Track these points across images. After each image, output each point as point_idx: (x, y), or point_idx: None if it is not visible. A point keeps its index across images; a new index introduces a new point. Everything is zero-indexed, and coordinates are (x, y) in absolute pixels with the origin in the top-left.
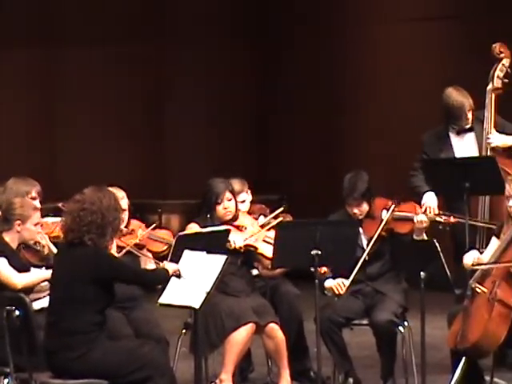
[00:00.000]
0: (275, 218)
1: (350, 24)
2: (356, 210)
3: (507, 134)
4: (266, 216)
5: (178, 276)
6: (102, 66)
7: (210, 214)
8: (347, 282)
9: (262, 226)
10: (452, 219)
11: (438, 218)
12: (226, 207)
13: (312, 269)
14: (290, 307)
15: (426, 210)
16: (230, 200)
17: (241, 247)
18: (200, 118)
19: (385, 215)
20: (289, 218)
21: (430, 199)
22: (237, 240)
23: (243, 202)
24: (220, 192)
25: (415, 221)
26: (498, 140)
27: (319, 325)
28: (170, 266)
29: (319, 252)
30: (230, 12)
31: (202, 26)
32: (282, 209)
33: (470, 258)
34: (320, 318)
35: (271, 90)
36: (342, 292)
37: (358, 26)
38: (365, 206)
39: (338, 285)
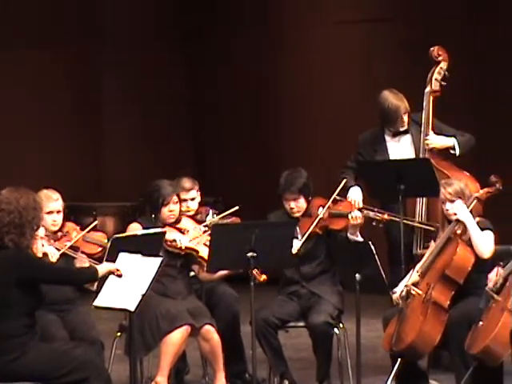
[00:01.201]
0: (223, 218)
1: (285, 26)
2: (293, 205)
3: (445, 135)
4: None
5: (119, 275)
6: (38, 67)
7: (155, 215)
8: None
9: (205, 231)
10: (386, 216)
11: (371, 215)
12: (171, 210)
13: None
14: (226, 309)
15: (352, 204)
16: (175, 203)
17: (182, 248)
18: (135, 121)
19: (320, 211)
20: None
21: (355, 193)
22: (183, 240)
23: (193, 199)
24: (168, 194)
25: (349, 217)
26: (436, 141)
27: (255, 327)
28: (105, 266)
29: (255, 254)
30: (155, 14)
31: (134, 28)
32: (236, 208)
33: (399, 289)
34: (255, 320)
35: (204, 91)
36: None
37: (293, 28)
38: (302, 202)
39: None
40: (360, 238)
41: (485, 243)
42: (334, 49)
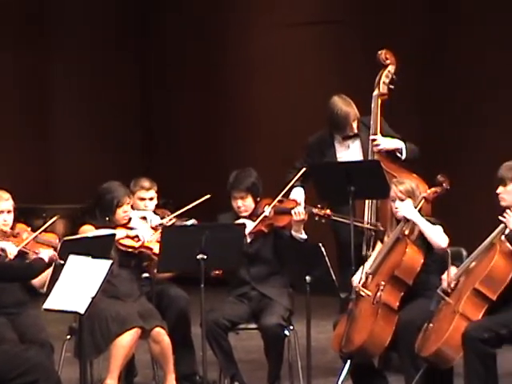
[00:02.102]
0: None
1: (238, 27)
2: (240, 203)
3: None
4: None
5: (55, 261)
6: None
7: (109, 217)
8: None
9: (154, 228)
10: (328, 211)
11: (314, 210)
12: (125, 211)
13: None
14: (177, 311)
15: (295, 201)
16: (128, 204)
17: (135, 247)
18: (84, 123)
19: (266, 209)
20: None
21: (297, 194)
22: (145, 235)
23: (151, 199)
24: (122, 196)
25: (292, 213)
26: (384, 141)
27: (205, 329)
28: (45, 253)
29: (205, 256)
30: (103, 10)
31: (82, 25)
32: (207, 196)
33: (357, 277)
34: (206, 322)
35: (154, 93)
36: None
37: (245, 29)
38: (249, 201)
39: None
40: (304, 236)
41: (439, 234)
42: (286, 50)
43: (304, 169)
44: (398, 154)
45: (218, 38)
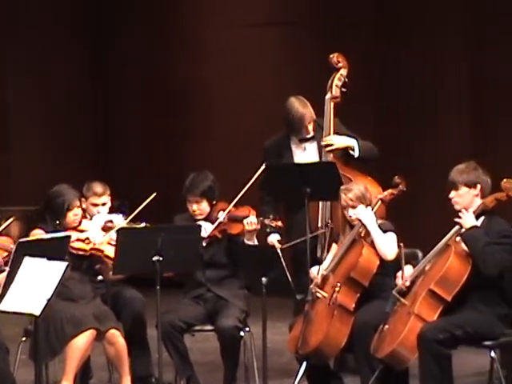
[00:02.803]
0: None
1: (195, 28)
2: (195, 207)
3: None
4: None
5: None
6: None
7: (60, 221)
8: None
9: (105, 230)
10: (280, 223)
11: (266, 221)
12: (76, 214)
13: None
14: (133, 313)
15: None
16: (79, 207)
17: (86, 250)
18: (38, 123)
19: (221, 215)
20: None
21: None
22: (96, 237)
23: (104, 204)
24: (72, 199)
25: (245, 223)
26: (336, 139)
27: (161, 331)
28: None
29: (161, 258)
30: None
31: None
32: (154, 195)
33: (315, 269)
34: (162, 323)
35: (108, 91)
36: None
37: (196, 30)
38: (204, 205)
39: None
40: (256, 243)
41: (387, 245)
42: (243, 51)
43: (263, 166)
44: (351, 152)
45: (176, 36)
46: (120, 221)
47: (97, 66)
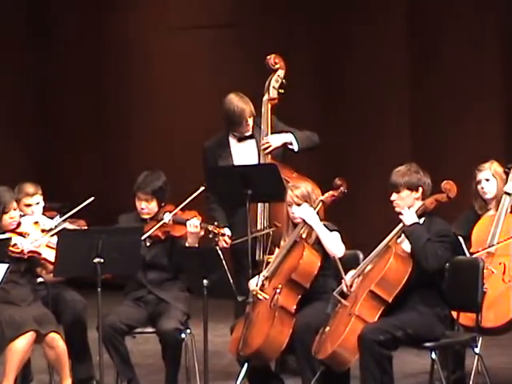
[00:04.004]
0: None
1: (131, 27)
2: (143, 205)
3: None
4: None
5: None
6: None
7: None
8: None
9: (44, 231)
10: (222, 230)
11: (210, 227)
12: (12, 217)
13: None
14: (73, 315)
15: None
16: (15, 209)
17: (24, 252)
18: None
19: (166, 216)
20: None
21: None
22: (24, 243)
23: (37, 203)
24: (7, 201)
25: (187, 224)
26: (273, 139)
27: (102, 333)
28: None
29: (102, 260)
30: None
31: None
32: (91, 199)
33: (254, 282)
34: (103, 326)
35: (51, 91)
36: None
37: (137, 31)
38: (153, 205)
39: None
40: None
41: (335, 243)
42: (182, 52)
43: (202, 188)
44: (290, 147)
45: (116, 38)
46: (47, 223)
47: (37, 66)
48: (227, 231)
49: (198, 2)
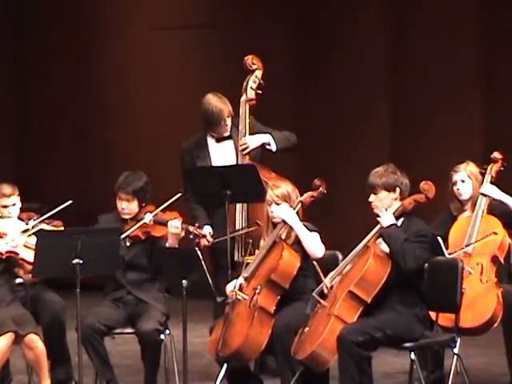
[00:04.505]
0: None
1: (104, 30)
2: (124, 205)
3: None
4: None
5: None
6: None
7: None
8: None
9: (22, 232)
10: (202, 232)
11: (190, 228)
12: None
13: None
14: (52, 316)
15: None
16: None
17: (1, 252)
18: None
19: (146, 217)
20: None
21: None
22: (0, 243)
23: (14, 204)
24: None
25: (169, 226)
26: (251, 140)
27: (81, 334)
28: None
29: (81, 261)
30: None
31: None
32: (69, 202)
33: (231, 285)
34: (82, 326)
35: (27, 91)
36: None
37: (116, 32)
38: (134, 205)
39: None
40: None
41: (315, 243)
42: (160, 53)
43: (179, 194)
44: (268, 147)
45: (95, 39)
46: (19, 225)
47: (10, 65)
48: (209, 229)
49: (178, 2)
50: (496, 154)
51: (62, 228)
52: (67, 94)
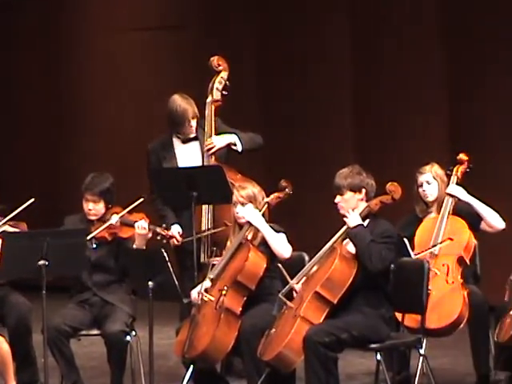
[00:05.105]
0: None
1: (68, 32)
2: (91, 206)
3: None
4: None
5: None
6: None
7: None
8: None
9: None
10: (170, 233)
11: (158, 229)
12: None
13: None
14: (18, 318)
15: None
16: None
17: None
18: None
19: (113, 218)
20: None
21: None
22: None
23: None
24: None
25: (136, 226)
26: (217, 142)
27: (46, 335)
28: None
29: (47, 262)
30: None
31: None
32: (31, 201)
33: (195, 292)
34: (47, 328)
35: None
36: None
37: (81, 33)
38: (101, 206)
39: None
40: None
41: (282, 244)
42: (126, 54)
43: (141, 199)
44: (234, 148)
45: (62, 39)
46: None
47: None
48: (178, 228)
49: (141, 4)
50: (462, 156)
51: (26, 229)
52: (34, 93)
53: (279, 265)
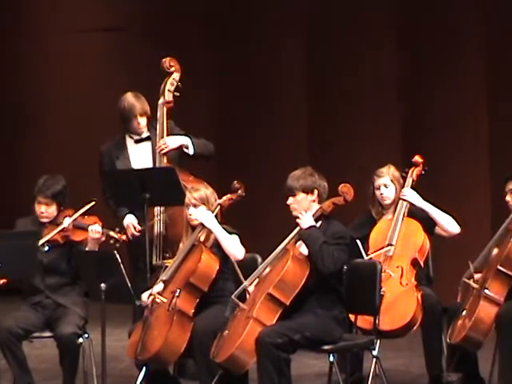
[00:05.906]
0: None
1: (23, 34)
2: (43, 209)
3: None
4: None
5: None
6: None
7: None
8: None
9: None
10: (124, 237)
11: (111, 233)
12: None
13: None
14: None
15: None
16: None
17: None
18: None
19: (66, 221)
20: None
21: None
22: None
23: None
24: None
25: (89, 229)
26: (170, 142)
27: None
28: None
29: None
30: None
31: None
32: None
33: (145, 296)
34: None
35: None
36: None
37: (31, 37)
38: (53, 209)
39: None
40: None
41: (235, 246)
42: (75, 56)
43: (93, 202)
44: (186, 150)
45: (15, 40)
46: None
47: None
48: (132, 218)
49: (95, 4)
50: (417, 158)
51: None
52: None
53: (235, 265)
